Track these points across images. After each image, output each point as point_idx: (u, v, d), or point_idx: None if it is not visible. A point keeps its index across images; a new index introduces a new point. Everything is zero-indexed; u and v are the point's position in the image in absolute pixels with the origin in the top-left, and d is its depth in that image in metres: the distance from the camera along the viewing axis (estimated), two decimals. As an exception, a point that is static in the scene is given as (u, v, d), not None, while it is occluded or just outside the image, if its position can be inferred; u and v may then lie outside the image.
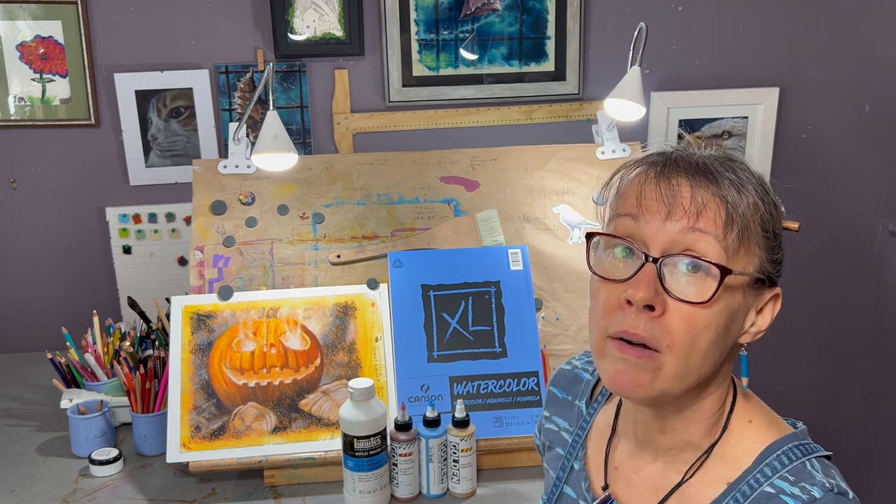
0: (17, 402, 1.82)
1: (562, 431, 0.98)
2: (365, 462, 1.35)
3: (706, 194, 0.74)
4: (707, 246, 0.73)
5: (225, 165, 1.68)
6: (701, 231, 0.73)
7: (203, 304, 1.54)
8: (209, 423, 1.45)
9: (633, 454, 0.87)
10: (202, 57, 2.04)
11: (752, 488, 0.77)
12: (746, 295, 0.77)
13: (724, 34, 2.19)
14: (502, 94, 2.14)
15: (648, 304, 0.73)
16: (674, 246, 0.74)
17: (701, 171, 0.75)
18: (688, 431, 0.81)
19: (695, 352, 0.74)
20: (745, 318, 0.79)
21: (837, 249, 2.38)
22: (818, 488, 0.75)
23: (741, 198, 0.74)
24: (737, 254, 0.74)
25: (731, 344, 0.79)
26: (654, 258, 0.74)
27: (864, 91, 2.27)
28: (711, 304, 0.73)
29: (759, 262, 0.77)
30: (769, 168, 2.27)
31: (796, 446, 0.80)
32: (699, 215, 0.73)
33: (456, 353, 1.52)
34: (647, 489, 0.84)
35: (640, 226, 0.75)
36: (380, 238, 1.66)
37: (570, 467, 0.94)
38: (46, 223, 2.09)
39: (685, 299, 0.73)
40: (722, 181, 0.74)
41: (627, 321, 0.74)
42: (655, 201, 0.75)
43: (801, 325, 2.43)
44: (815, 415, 2.48)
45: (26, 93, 2.00)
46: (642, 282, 0.73)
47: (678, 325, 0.73)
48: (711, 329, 0.74)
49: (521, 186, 1.71)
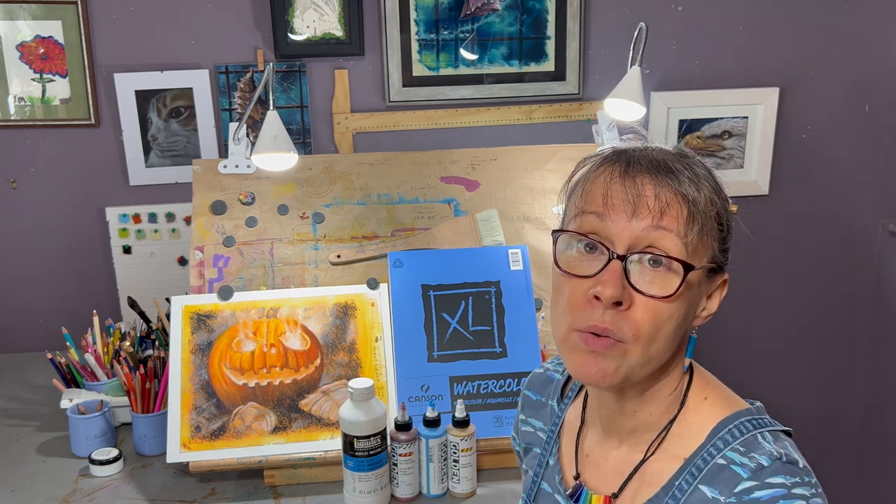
0: (17, 402, 1.82)
1: (538, 432, 1.02)
2: (365, 462, 1.35)
3: (669, 193, 0.77)
4: (669, 243, 0.77)
5: (225, 165, 1.68)
6: (664, 229, 0.77)
7: (203, 304, 1.54)
8: (209, 423, 1.45)
9: (600, 441, 0.91)
10: (202, 57, 2.04)
11: (705, 461, 0.80)
12: (701, 285, 0.81)
13: (724, 34, 2.19)
14: (502, 94, 2.14)
15: (617, 300, 0.76)
16: (638, 243, 0.77)
17: (662, 170, 0.78)
18: (647, 412, 0.85)
19: (657, 340, 0.78)
20: (698, 305, 0.83)
21: (837, 249, 2.38)
22: (766, 457, 0.77)
23: (700, 194, 0.78)
24: (696, 249, 0.78)
25: (687, 329, 0.84)
26: (621, 255, 0.77)
27: (864, 91, 2.27)
28: (675, 298, 0.77)
29: (712, 253, 0.81)
30: (769, 168, 2.28)
31: (748, 420, 0.82)
32: (663, 213, 0.77)
33: (456, 353, 1.52)
34: (614, 473, 0.88)
35: (606, 224, 0.78)
36: (380, 238, 1.66)
37: (546, 463, 0.97)
38: (46, 223, 2.09)
39: (651, 294, 0.77)
40: (682, 179, 0.78)
41: (595, 316, 0.77)
42: (621, 200, 0.78)
43: (801, 325, 2.43)
44: (815, 415, 2.48)
45: (26, 93, 2.00)
46: (610, 279, 0.76)
47: (643, 318, 0.77)
48: (673, 319, 0.78)
49: (521, 186, 1.71)
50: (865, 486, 2.52)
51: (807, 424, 2.46)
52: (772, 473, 0.76)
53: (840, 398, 2.51)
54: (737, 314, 2.36)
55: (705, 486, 0.79)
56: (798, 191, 2.32)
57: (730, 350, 2.39)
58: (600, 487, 0.89)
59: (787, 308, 2.41)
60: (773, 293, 2.39)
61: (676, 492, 0.81)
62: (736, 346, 2.40)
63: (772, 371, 2.45)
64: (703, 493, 0.79)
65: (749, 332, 2.40)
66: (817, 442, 2.51)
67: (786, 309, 2.41)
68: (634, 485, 0.85)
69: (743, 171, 2.28)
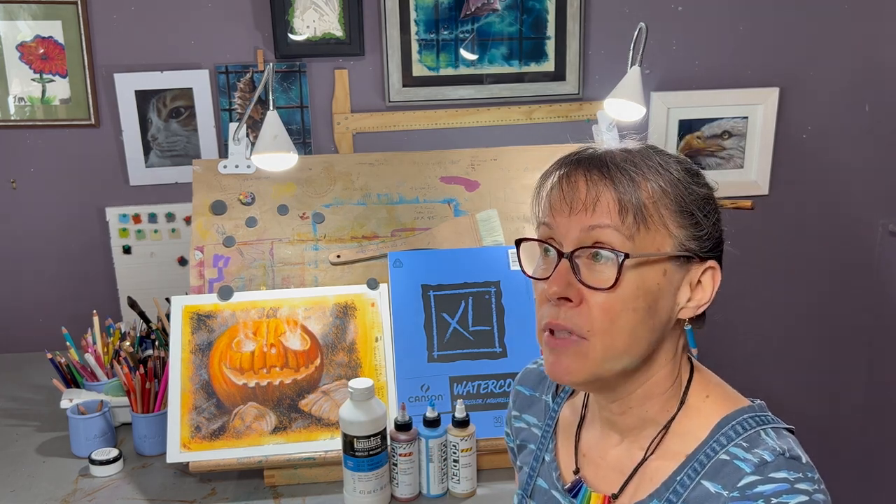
0: (17, 402, 1.82)
1: (532, 428, 1.02)
2: (365, 462, 1.35)
3: (599, 187, 0.80)
4: (607, 237, 0.79)
5: (225, 165, 1.68)
6: (599, 226, 0.79)
7: (203, 304, 1.54)
8: (209, 423, 1.45)
9: (599, 439, 0.91)
10: (202, 57, 2.04)
11: (708, 457, 0.81)
12: (668, 273, 0.81)
13: (724, 34, 2.19)
14: (502, 94, 2.14)
15: (562, 296, 0.80)
16: (584, 241, 0.80)
17: (596, 166, 0.81)
18: (644, 408, 0.85)
19: (618, 334, 0.79)
20: (675, 296, 0.82)
21: (837, 249, 2.38)
22: (769, 452, 0.78)
23: (633, 186, 0.79)
24: (641, 237, 0.79)
25: (666, 321, 0.83)
26: (567, 253, 0.80)
27: (864, 91, 2.27)
28: (617, 287, 0.78)
29: (675, 242, 0.81)
30: (769, 168, 2.28)
31: (751, 417, 0.83)
32: (594, 207, 0.79)
33: (456, 353, 1.52)
34: (614, 470, 0.88)
35: (553, 227, 0.82)
36: (380, 238, 1.66)
37: (542, 459, 0.98)
38: (46, 223, 2.09)
39: (594, 286, 0.79)
40: (614, 173, 0.80)
41: (551, 313, 0.81)
42: (559, 201, 0.82)
43: (801, 325, 2.43)
44: (815, 415, 2.48)
45: (26, 93, 2.00)
46: (556, 277, 0.80)
47: (596, 312, 0.79)
48: (629, 311, 0.79)
49: (521, 186, 1.71)
50: (866, 485, 2.52)
51: (806, 423, 2.46)
52: (775, 468, 0.76)
53: (840, 398, 2.51)
54: (736, 314, 2.36)
55: (708, 482, 0.79)
56: (798, 191, 2.32)
57: (728, 350, 2.39)
58: (599, 485, 0.89)
59: (786, 308, 2.41)
60: (773, 293, 2.39)
61: (678, 487, 0.81)
62: (735, 345, 2.40)
63: (771, 370, 2.45)
64: (705, 488, 0.79)
65: (748, 331, 2.40)
66: (817, 441, 2.51)
67: (785, 308, 2.41)
68: (634, 482, 0.86)
69: (743, 171, 2.28)
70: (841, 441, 2.54)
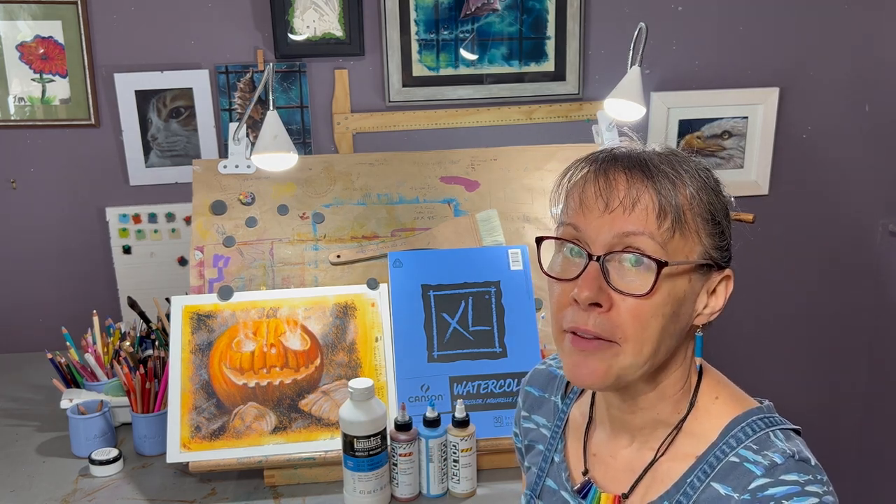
0: (17, 402, 1.82)
1: (541, 428, 1.02)
2: (365, 462, 1.35)
3: (640, 187, 0.78)
4: (642, 243, 0.77)
5: (225, 165, 1.68)
6: (634, 234, 0.77)
7: (203, 304, 1.54)
8: (209, 423, 1.45)
9: (609, 440, 0.91)
10: (202, 57, 2.04)
11: (718, 459, 0.81)
12: (692, 281, 0.81)
13: (724, 34, 2.19)
14: (502, 94, 2.14)
15: (594, 301, 0.77)
16: (616, 244, 0.78)
17: (637, 166, 0.79)
18: (656, 410, 0.85)
19: (647, 341, 0.78)
20: (695, 302, 0.82)
21: (837, 249, 2.38)
22: (779, 455, 0.78)
23: (675, 190, 0.78)
24: (674, 244, 0.78)
25: (685, 327, 0.83)
26: (598, 256, 0.78)
27: (864, 91, 2.27)
28: (652, 294, 0.77)
29: (702, 250, 0.80)
30: (769, 168, 2.28)
31: (760, 419, 0.83)
32: (633, 206, 0.77)
33: (456, 353, 1.52)
34: (624, 471, 0.88)
35: (583, 227, 0.80)
36: (380, 238, 1.66)
37: (551, 460, 0.97)
38: (46, 223, 2.09)
39: (628, 292, 0.77)
40: (657, 174, 0.78)
41: (578, 318, 0.79)
42: (594, 197, 0.79)
43: (801, 326, 2.43)
44: (815, 415, 2.48)
45: (26, 93, 2.00)
46: (586, 281, 0.78)
47: (626, 318, 0.78)
48: (658, 317, 0.78)
49: (521, 186, 1.71)
50: (866, 485, 2.52)
51: (806, 423, 2.46)
52: (785, 471, 0.77)
53: (840, 398, 2.51)
54: (736, 314, 2.36)
55: (718, 484, 0.79)
56: (798, 191, 2.32)
57: (727, 349, 2.39)
58: (609, 486, 0.89)
59: (786, 308, 2.41)
60: (773, 293, 2.39)
61: (688, 489, 0.81)
62: (735, 345, 2.40)
63: (771, 370, 2.45)
64: (715, 490, 0.79)
65: (748, 331, 2.40)
66: (816, 441, 2.50)
67: (785, 308, 2.41)
68: (644, 483, 0.86)
69: (743, 171, 2.28)
70: (840, 441, 2.54)
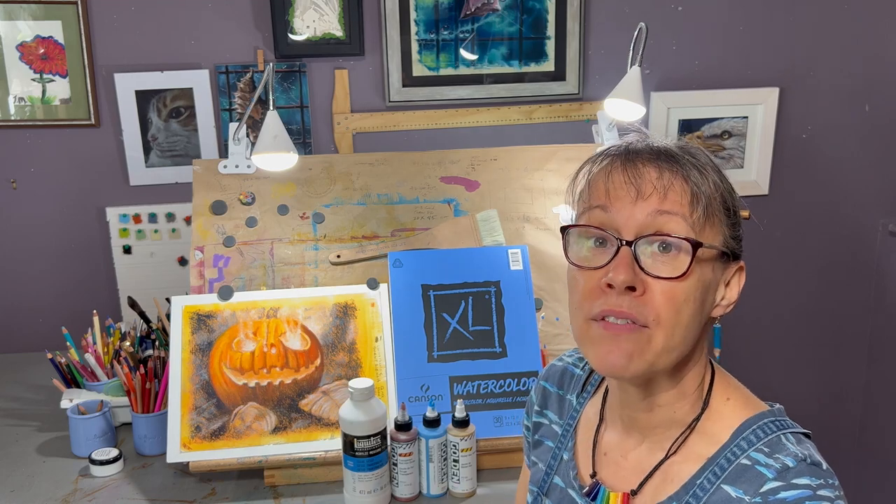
0: (17, 402, 1.82)
1: (553, 425, 1.01)
2: (365, 462, 1.35)
3: (671, 175, 0.79)
4: (676, 225, 0.77)
5: (225, 165, 1.68)
6: (668, 213, 0.77)
7: (203, 304, 1.54)
8: (209, 423, 1.45)
9: (620, 440, 0.91)
10: (202, 57, 2.04)
11: (729, 461, 0.81)
12: (715, 269, 0.81)
13: (724, 34, 2.19)
14: (502, 94, 2.14)
15: (629, 285, 0.77)
16: (645, 229, 0.78)
17: (664, 155, 0.80)
18: (673, 408, 0.85)
19: (679, 324, 0.78)
20: (716, 292, 0.83)
21: (837, 249, 2.38)
22: (791, 458, 0.78)
23: (703, 177, 0.79)
24: (703, 229, 0.79)
25: (707, 316, 0.83)
26: (629, 241, 0.78)
27: (864, 91, 2.27)
28: (687, 276, 0.77)
29: (723, 238, 0.81)
30: (769, 168, 2.28)
31: (771, 422, 0.83)
32: (666, 193, 0.78)
33: (456, 353, 1.52)
34: (634, 471, 0.87)
35: (612, 214, 0.79)
36: (380, 238, 1.66)
37: (560, 457, 0.97)
38: (46, 223, 2.09)
39: (663, 276, 0.77)
40: (684, 163, 0.80)
41: (611, 301, 0.78)
42: (624, 185, 0.79)
43: (800, 325, 2.43)
44: (815, 415, 2.48)
45: (26, 93, 2.00)
46: (621, 265, 0.77)
47: (661, 301, 0.77)
48: (690, 301, 0.78)
49: (521, 186, 1.71)
50: (866, 485, 2.52)
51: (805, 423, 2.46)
52: (797, 475, 0.76)
53: (839, 398, 2.51)
54: (736, 313, 2.35)
55: (729, 486, 0.79)
56: (798, 191, 2.33)
57: (729, 349, 2.38)
58: (618, 485, 0.89)
59: (786, 307, 2.41)
60: (773, 293, 2.39)
61: (698, 490, 0.81)
62: (735, 345, 2.40)
63: (772, 369, 2.45)
64: (726, 492, 0.79)
65: (748, 331, 2.40)
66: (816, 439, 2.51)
67: (785, 308, 2.41)
68: (654, 483, 0.85)
69: (743, 171, 2.28)
70: (840, 441, 2.54)
